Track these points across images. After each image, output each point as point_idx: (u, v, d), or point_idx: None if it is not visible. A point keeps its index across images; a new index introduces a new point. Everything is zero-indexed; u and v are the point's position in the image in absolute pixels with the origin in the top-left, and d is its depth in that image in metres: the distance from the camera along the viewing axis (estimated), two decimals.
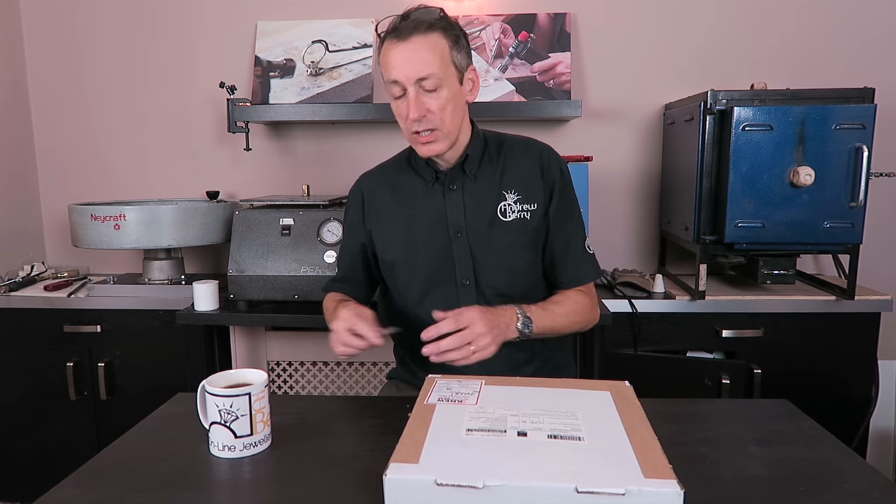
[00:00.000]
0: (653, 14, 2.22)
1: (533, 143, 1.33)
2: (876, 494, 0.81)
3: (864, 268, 1.95)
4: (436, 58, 1.15)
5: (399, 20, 1.17)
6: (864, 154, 1.68)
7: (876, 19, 2.16)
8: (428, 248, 1.28)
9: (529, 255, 1.29)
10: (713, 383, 1.77)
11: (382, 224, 1.33)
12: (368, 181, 1.38)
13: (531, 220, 1.27)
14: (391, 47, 1.16)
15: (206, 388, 0.91)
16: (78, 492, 0.83)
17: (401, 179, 1.33)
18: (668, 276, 2.16)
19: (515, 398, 0.94)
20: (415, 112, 1.16)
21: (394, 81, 1.17)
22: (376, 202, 1.34)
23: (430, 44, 1.15)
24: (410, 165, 1.33)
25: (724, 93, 1.79)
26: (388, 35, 1.17)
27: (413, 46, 1.15)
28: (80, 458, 0.92)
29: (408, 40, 1.15)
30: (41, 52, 2.37)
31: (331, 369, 2.10)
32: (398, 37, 1.15)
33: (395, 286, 1.34)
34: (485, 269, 1.26)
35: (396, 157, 1.39)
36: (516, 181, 1.28)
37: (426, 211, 1.29)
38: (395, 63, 1.16)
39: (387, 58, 1.17)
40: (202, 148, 2.38)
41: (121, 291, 2.05)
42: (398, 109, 1.21)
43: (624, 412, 0.89)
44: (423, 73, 1.15)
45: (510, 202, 1.27)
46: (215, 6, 2.30)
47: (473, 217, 1.26)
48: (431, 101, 1.17)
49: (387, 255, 1.32)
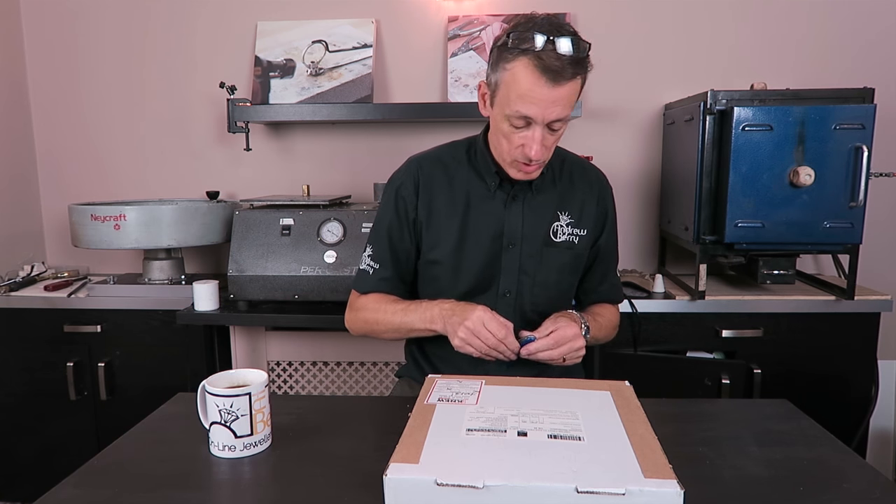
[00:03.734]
0: (653, 14, 2.22)
1: (591, 167, 1.34)
2: (876, 494, 0.81)
3: (864, 268, 1.95)
4: (573, 101, 1.09)
5: (548, 43, 1.03)
6: (863, 154, 1.68)
7: (876, 19, 2.16)
8: (478, 255, 1.24)
9: (573, 278, 1.31)
10: (713, 383, 1.77)
11: (434, 219, 1.25)
12: (427, 167, 1.27)
13: (578, 245, 1.27)
14: (539, 83, 1.04)
15: (206, 388, 0.91)
16: (78, 492, 0.83)
17: (459, 175, 1.26)
18: (668, 276, 2.16)
19: (515, 398, 0.94)
20: (540, 153, 1.11)
21: (526, 117, 1.08)
22: (432, 192, 1.25)
23: (576, 88, 1.08)
24: (471, 164, 1.26)
25: (724, 93, 1.79)
26: (540, 65, 1.03)
27: (566, 91, 1.06)
28: (80, 458, 0.92)
29: (561, 86, 1.05)
30: (41, 53, 2.37)
31: (331, 369, 2.10)
32: (552, 78, 1.04)
33: (430, 286, 1.28)
34: (532, 285, 1.25)
35: (452, 147, 1.31)
36: (572, 204, 1.27)
37: (483, 216, 1.23)
38: (538, 102, 1.06)
39: (523, 90, 1.06)
40: (202, 148, 2.38)
41: (121, 291, 2.05)
42: (510, 136, 1.12)
43: (624, 412, 0.89)
44: (561, 115, 1.08)
45: (563, 223, 1.26)
46: (215, 6, 2.30)
47: (530, 231, 1.24)
48: (550, 139, 1.12)
49: (432, 254, 1.25)
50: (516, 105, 1.07)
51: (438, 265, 1.26)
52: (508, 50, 1.06)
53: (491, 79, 1.14)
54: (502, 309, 1.22)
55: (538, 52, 1.03)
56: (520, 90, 1.06)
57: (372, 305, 1.28)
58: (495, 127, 1.17)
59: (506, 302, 1.25)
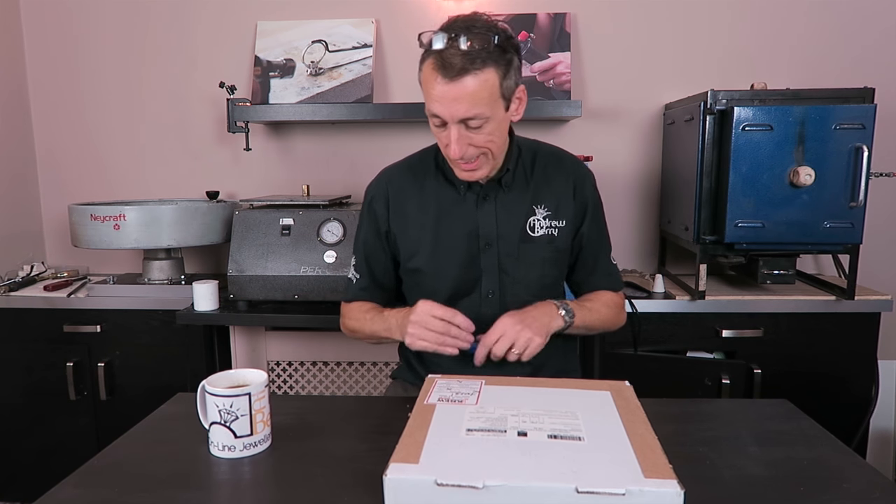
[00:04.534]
0: (653, 14, 2.22)
1: (567, 157, 1.31)
2: (876, 494, 0.81)
3: (864, 268, 1.95)
4: (484, 97, 1.05)
5: (446, 41, 1.03)
6: (863, 154, 1.68)
7: (876, 19, 2.16)
8: (455, 259, 1.24)
9: (556, 271, 1.29)
10: (713, 383, 1.77)
11: (408, 229, 1.27)
12: (396, 179, 1.29)
13: (558, 238, 1.26)
14: (435, 81, 1.05)
15: (206, 388, 0.91)
16: (78, 492, 0.83)
17: (429, 182, 1.27)
18: (668, 276, 2.16)
19: (515, 398, 0.94)
20: (456, 151, 1.10)
21: (435, 115, 1.09)
22: (403, 204, 1.28)
23: (480, 83, 1.04)
24: (439, 169, 1.27)
25: (724, 93, 1.79)
26: (434, 64, 1.05)
27: (461, 88, 1.04)
28: (80, 458, 0.92)
29: (456, 81, 1.04)
30: (41, 53, 2.37)
31: (331, 369, 2.10)
32: (446, 74, 1.03)
33: (415, 291, 1.29)
34: (512, 283, 1.25)
35: (421, 155, 1.32)
36: (547, 197, 1.26)
37: (457, 220, 1.24)
38: (438, 99, 1.06)
39: (429, 88, 1.07)
40: (202, 148, 2.38)
41: (121, 291, 2.05)
42: (439, 136, 1.14)
43: (624, 412, 0.89)
44: (469, 113, 1.06)
45: (539, 217, 1.25)
46: (215, 6, 2.30)
47: (505, 230, 1.23)
48: (476, 137, 1.10)
49: (411, 263, 1.27)
50: (428, 104, 1.10)
51: (419, 273, 1.27)
52: (422, 52, 1.10)
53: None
54: (487, 309, 1.23)
55: (440, 50, 1.04)
56: (427, 89, 1.09)
57: (354, 314, 1.33)
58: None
59: (490, 302, 1.25)
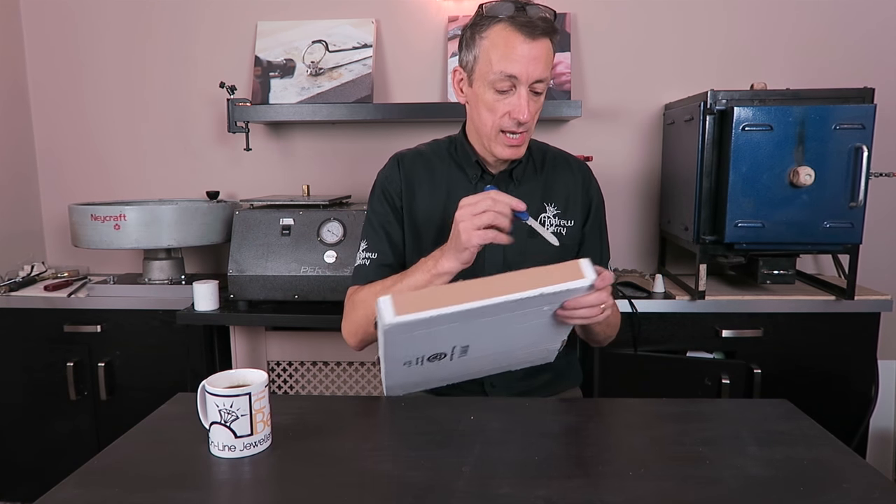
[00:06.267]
0: (653, 14, 2.22)
1: (575, 160, 1.34)
2: (876, 494, 0.81)
3: (864, 268, 1.95)
4: (551, 63, 1.14)
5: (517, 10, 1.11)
6: (863, 154, 1.68)
7: (876, 20, 2.16)
8: None
9: None
10: (713, 383, 1.77)
11: (417, 212, 1.27)
12: (408, 161, 1.30)
13: (566, 236, 1.27)
14: (517, 40, 1.10)
15: (206, 388, 0.91)
16: (78, 492, 0.83)
17: (441, 169, 1.28)
18: (668, 276, 2.16)
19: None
20: (527, 114, 1.13)
21: (510, 76, 1.11)
22: (415, 186, 1.28)
23: (550, 50, 1.13)
24: (452, 158, 1.28)
25: (724, 93, 1.79)
26: (514, 24, 1.10)
27: (542, 48, 1.11)
28: (80, 458, 0.92)
29: (538, 40, 1.10)
30: (41, 53, 2.37)
31: (331, 369, 2.10)
32: (528, 33, 1.10)
33: None
34: None
35: (433, 144, 1.33)
36: (558, 196, 1.28)
37: None
38: (520, 58, 1.10)
39: (508, 50, 1.10)
40: (202, 148, 2.38)
41: (121, 291, 2.05)
42: (495, 105, 1.15)
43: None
44: (543, 74, 1.12)
45: (549, 215, 1.27)
46: (215, 6, 2.30)
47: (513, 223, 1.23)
48: (534, 106, 1.15)
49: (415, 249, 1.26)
50: (499, 66, 1.11)
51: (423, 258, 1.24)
52: (482, 21, 1.13)
53: (466, 58, 1.17)
54: None
55: (511, 16, 1.10)
56: (500, 51, 1.11)
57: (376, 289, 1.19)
58: (476, 105, 1.18)
59: None
